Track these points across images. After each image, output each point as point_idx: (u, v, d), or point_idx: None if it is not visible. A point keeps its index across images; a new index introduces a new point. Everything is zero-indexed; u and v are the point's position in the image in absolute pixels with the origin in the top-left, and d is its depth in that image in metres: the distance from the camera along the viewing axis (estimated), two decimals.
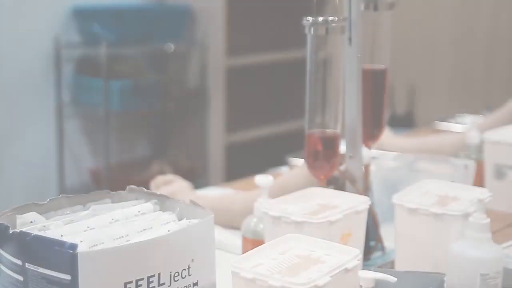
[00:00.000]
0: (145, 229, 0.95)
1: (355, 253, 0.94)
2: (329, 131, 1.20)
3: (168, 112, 3.71)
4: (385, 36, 1.30)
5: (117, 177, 3.41)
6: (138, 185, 1.07)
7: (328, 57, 1.19)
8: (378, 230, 1.28)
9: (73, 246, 0.83)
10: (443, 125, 2.36)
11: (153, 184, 1.59)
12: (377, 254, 1.32)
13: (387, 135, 2.09)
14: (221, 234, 1.41)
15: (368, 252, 1.27)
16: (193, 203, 1.01)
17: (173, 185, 1.57)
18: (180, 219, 1.01)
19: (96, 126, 3.44)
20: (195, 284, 0.95)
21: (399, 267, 1.18)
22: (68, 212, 1.01)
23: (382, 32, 1.29)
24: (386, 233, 1.29)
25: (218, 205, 1.46)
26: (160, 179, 1.59)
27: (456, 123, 2.32)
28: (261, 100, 3.97)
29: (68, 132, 3.47)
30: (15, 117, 3.28)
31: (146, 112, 3.61)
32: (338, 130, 1.20)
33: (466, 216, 1.10)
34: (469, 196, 1.18)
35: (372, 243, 1.28)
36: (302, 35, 1.19)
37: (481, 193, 1.17)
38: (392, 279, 0.84)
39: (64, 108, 3.41)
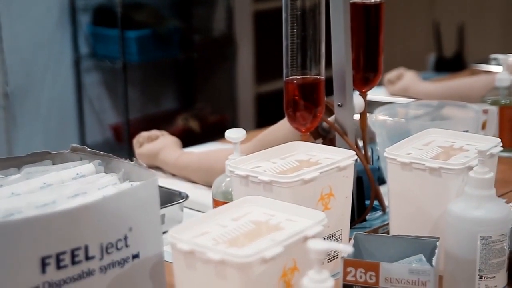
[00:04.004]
0: (77, 195, 0.87)
1: (319, 217, 0.84)
2: (310, 76, 1.08)
3: (192, 63, 3.61)
4: None
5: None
6: None
7: None
8: (374, 188, 1.17)
9: None
10: (483, 67, 2.20)
11: (136, 140, 1.51)
12: (376, 214, 1.21)
13: (412, 80, 1.96)
14: (204, 196, 1.32)
15: (361, 213, 1.16)
16: (138, 163, 0.91)
17: (157, 141, 1.48)
18: (124, 181, 0.92)
19: (115, 79, 3.37)
20: (135, 256, 0.86)
21: (393, 230, 1.07)
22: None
23: None
24: None
25: (201, 164, 1.37)
26: (143, 135, 1.51)
27: (497, 64, 2.15)
28: None
29: (87, 86, 3.41)
30: (32, 71, 3.23)
31: (168, 63, 3.51)
32: (322, 76, 1.08)
33: (467, 170, 0.97)
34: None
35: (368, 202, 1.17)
36: None
37: (491, 142, 1.04)
38: (347, 250, 0.73)
39: (82, 61, 3.35)
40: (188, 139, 2.37)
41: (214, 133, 2.58)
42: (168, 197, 1.27)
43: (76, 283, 0.80)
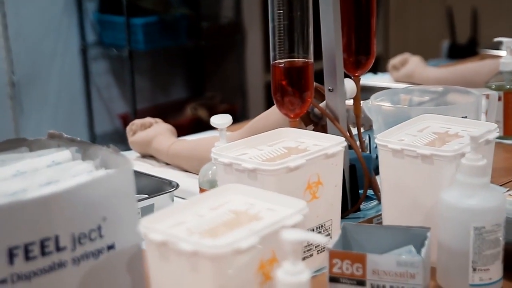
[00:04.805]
0: (50, 183, 0.84)
1: (299, 206, 0.80)
2: (299, 60, 1.04)
3: (200, 51, 3.57)
4: None
5: None
6: None
7: None
8: (368, 176, 1.13)
9: None
10: (493, 52, 2.15)
11: (129, 128, 1.48)
12: (371, 204, 1.17)
13: (417, 66, 1.92)
14: (196, 185, 1.28)
15: (355, 202, 1.13)
16: (114, 150, 0.88)
17: (150, 129, 1.45)
18: (100, 169, 0.89)
19: (122, 68, 3.35)
20: (111, 247, 0.83)
21: (386, 220, 1.04)
22: None
23: None
24: None
25: (192, 152, 1.34)
26: (136, 122, 1.48)
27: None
28: None
29: (94, 75, 3.40)
30: (39, 60, 3.21)
31: (175, 51, 3.48)
32: (310, 59, 1.04)
33: (461, 157, 0.93)
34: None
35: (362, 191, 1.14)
36: None
37: (486, 128, 1.00)
38: (321, 240, 0.70)
39: (89, 50, 3.33)
40: (197, 128, 2.35)
41: None
42: (158, 186, 1.25)
43: (47, 276, 0.77)
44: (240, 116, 3.52)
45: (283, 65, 1.05)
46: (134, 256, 0.85)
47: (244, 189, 0.86)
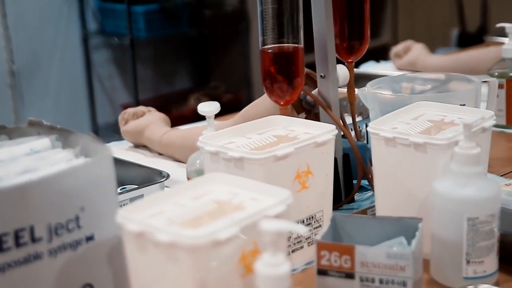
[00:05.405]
0: (27, 171, 0.82)
1: (283, 196, 0.78)
2: (288, 45, 1.02)
3: (204, 40, 3.55)
4: None
5: None
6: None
7: None
8: (362, 166, 1.11)
9: None
10: (499, 39, 2.12)
11: (121, 117, 1.46)
12: (366, 194, 1.15)
13: (420, 53, 1.90)
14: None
15: (349, 193, 1.11)
16: (94, 138, 0.86)
17: (143, 118, 1.43)
18: (80, 157, 0.87)
19: (124, 57, 3.33)
20: (90, 238, 0.81)
21: (379, 210, 1.02)
22: None
23: None
24: None
25: (184, 141, 1.33)
26: (129, 111, 1.46)
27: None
28: None
29: (96, 65, 3.38)
30: (39, 49, 3.20)
31: (178, 40, 3.46)
32: (300, 44, 1.02)
33: (455, 146, 0.91)
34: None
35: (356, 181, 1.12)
36: None
37: (481, 115, 0.98)
38: (302, 231, 0.68)
39: (90, 38, 3.32)
40: (200, 119, 2.32)
41: (228, 113, 2.53)
42: (148, 177, 1.23)
43: (22, 268, 0.76)
44: (245, 106, 3.50)
45: (271, 50, 1.03)
46: (115, 247, 0.83)
47: (229, 178, 0.85)
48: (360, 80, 1.48)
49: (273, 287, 0.67)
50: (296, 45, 1.02)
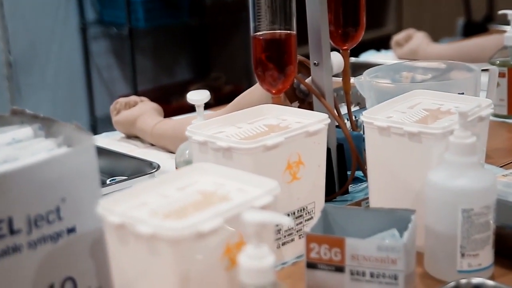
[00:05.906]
0: (7, 161, 0.81)
1: (270, 186, 0.77)
2: (280, 32, 1.00)
3: (204, 29, 3.53)
4: None
5: None
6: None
7: None
8: (356, 156, 1.09)
9: None
10: (503, 28, 2.09)
11: (113, 107, 1.45)
12: (361, 186, 1.14)
13: (421, 42, 1.87)
14: None
15: (343, 184, 1.09)
16: (78, 127, 0.85)
17: (135, 108, 1.42)
18: (63, 146, 0.86)
19: (123, 47, 3.32)
20: (71, 230, 0.80)
21: (373, 202, 1.00)
22: None
23: None
24: None
25: (175, 132, 1.31)
26: (121, 101, 1.45)
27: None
28: None
29: (94, 55, 3.36)
30: (36, 39, 3.18)
31: (177, 30, 3.44)
32: (293, 30, 1.00)
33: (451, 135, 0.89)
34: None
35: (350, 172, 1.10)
36: None
37: (478, 103, 0.96)
38: (286, 221, 0.67)
39: (89, 28, 3.30)
40: None
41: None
42: (139, 168, 1.22)
43: (0, 260, 0.75)
44: None
45: (263, 37, 1.01)
46: (97, 240, 0.82)
47: (215, 168, 0.83)
48: (360, 69, 1.46)
49: (257, 280, 0.66)
50: (288, 31, 1.00)
